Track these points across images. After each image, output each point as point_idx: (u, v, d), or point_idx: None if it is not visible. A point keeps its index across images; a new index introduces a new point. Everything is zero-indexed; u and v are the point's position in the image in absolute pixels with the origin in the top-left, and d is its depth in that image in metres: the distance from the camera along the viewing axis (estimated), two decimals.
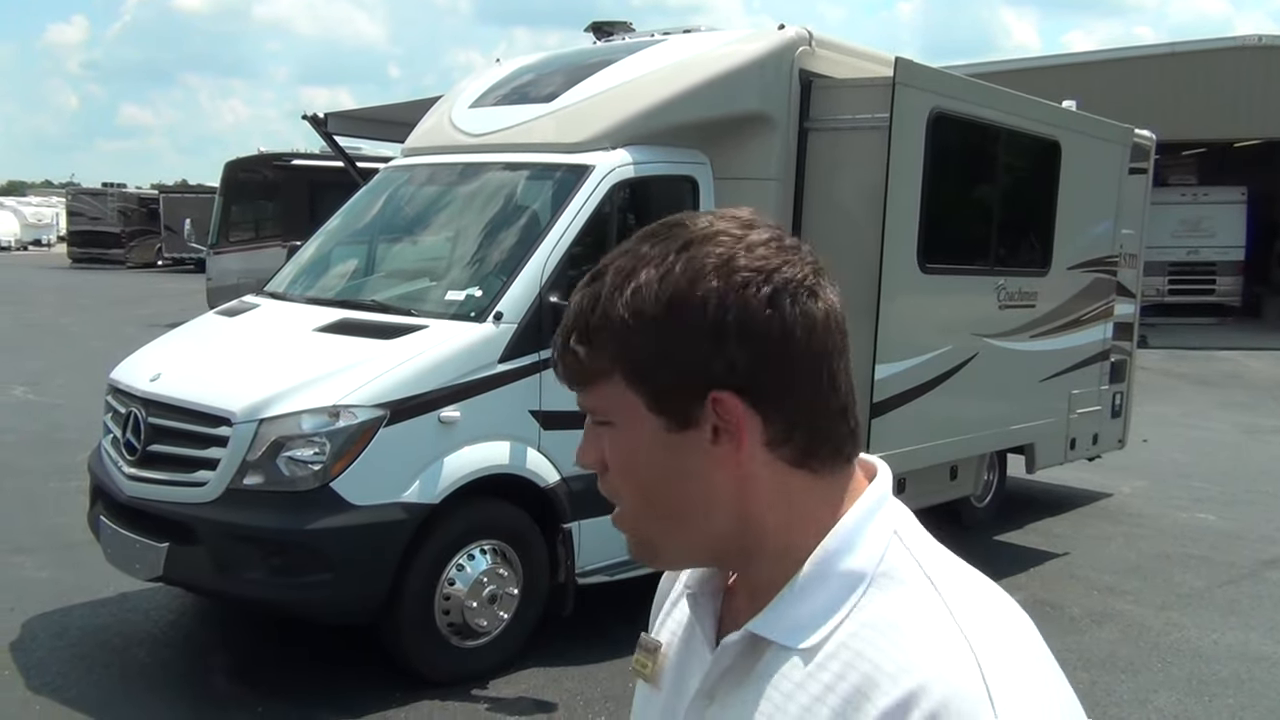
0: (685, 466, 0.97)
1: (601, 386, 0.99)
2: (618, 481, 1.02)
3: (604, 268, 0.99)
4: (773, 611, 0.97)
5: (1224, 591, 6.59)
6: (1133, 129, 8.26)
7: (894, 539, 1.00)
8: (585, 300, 0.99)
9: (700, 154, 5.80)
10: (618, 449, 1.00)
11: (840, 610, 0.95)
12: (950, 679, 0.86)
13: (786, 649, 0.96)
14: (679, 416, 0.96)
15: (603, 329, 0.97)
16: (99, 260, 37.35)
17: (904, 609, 0.93)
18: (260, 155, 18.82)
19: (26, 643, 5.16)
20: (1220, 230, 22.72)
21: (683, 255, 0.96)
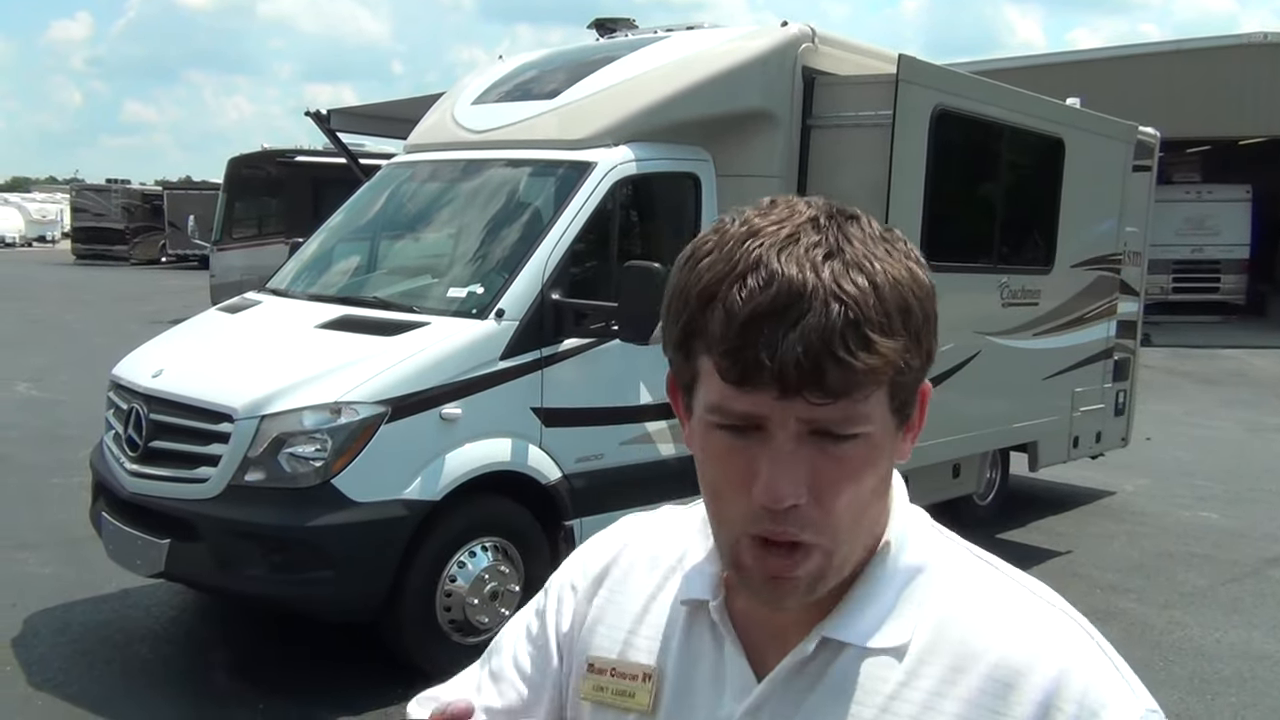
0: (890, 468, 0.94)
1: (865, 396, 0.86)
2: (836, 510, 0.88)
3: (834, 250, 0.87)
4: (847, 613, 0.94)
5: (1227, 590, 6.58)
6: (1137, 126, 8.25)
7: (932, 528, 1.02)
8: (864, 281, 0.85)
9: (703, 151, 5.78)
10: (856, 471, 0.88)
11: (913, 604, 0.95)
12: (1083, 664, 0.91)
13: (867, 650, 0.93)
14: (907, 414, 0.92)
15: (907, 315, 0.88)
16: (103, 257, 37.40)
17: (991, 596, 0.96)
18: (264, 152, 18.82)
19: (28, 638, 5.16)
20: (1225, 228, 22.67)
21: (893, 242, 0.92)
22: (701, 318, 0.87)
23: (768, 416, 0.86)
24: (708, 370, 0.88)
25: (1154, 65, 20.74)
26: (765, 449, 0.87)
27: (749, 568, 0.90)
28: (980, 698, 0.90)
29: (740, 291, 0.85)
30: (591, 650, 1.07)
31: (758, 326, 0.84)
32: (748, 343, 0.84)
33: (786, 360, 0.83)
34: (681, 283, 0.91)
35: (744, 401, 0.86)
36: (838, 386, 0.84)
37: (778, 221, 0.89)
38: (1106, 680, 0.91)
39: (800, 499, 0.86)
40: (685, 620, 1.03)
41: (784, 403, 0.84)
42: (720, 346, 0.86)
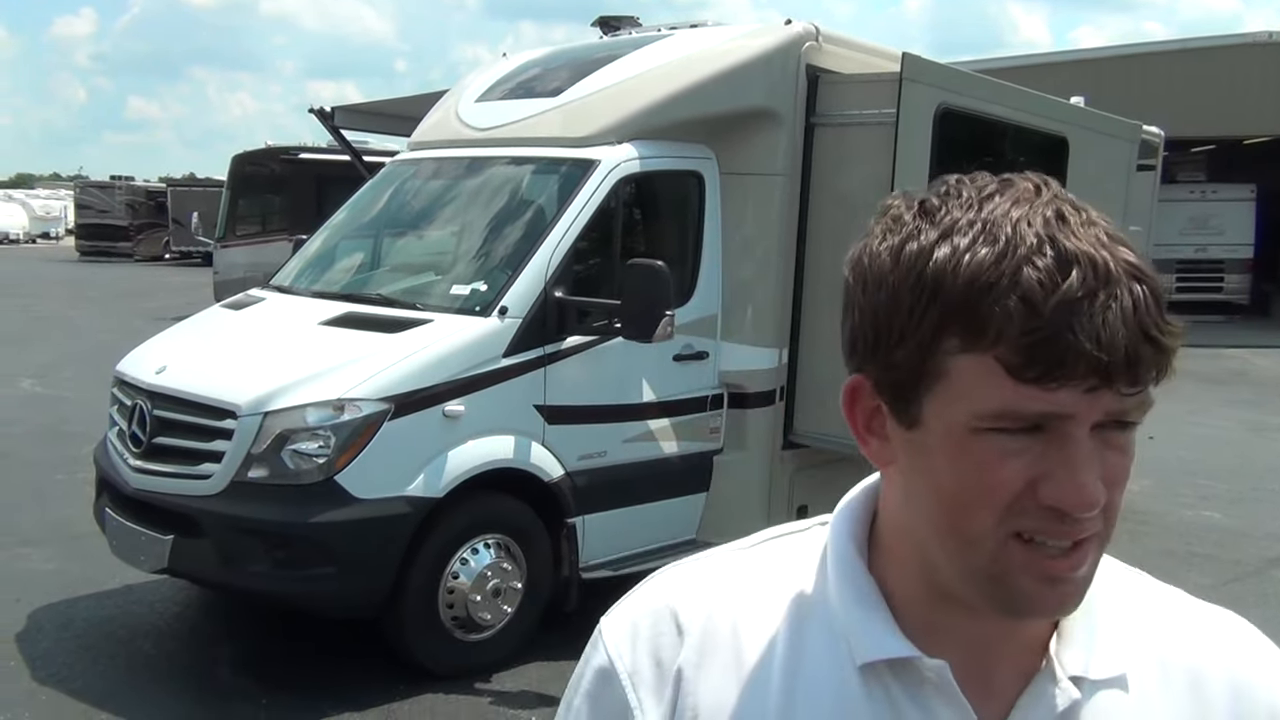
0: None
1: (1161, 381, 0.79)
2: (1115, 502, 0.82)
3: (1092, 221, 0.78)
4: (1078, 645, 0.87)
5: (1229, 590, 6.57)
6: (1141, 125, 8.23)
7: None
8: (1135, 258, 0.77)
9: (706, 149, 5.79)
10: (1130, 454, 0.81)
11: (1115, 627, 0.89)
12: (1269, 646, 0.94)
13: (1098, 683, 0.86)
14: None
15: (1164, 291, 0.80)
16: (106, 253, 37.42)
17: (1173, 606, 0.96)
18: (267, 149, 18.83)
19: (32, 634, 5.18)
20: (1229, 228, 22.63)
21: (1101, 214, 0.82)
22: (977, 308, 0.75)
23: (1074, 415, 0.75)
24: (980, 370, 0.75)
25: (1158, 64, 20.71)
26: (1058, 448, 0.76)
27: (1018, 573, 0.78)
28: (1231, 710, 0.89)
29: (1035, 272, 0.74)
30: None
31: (1071, 312, 0.73)
32: (1062, 332, 0.73)
33: (1115, 346, 0.73)
34: (908, 269, 0.79)
35: (1044, 400, 0.74)
36: (1150, 372, 0.76)
37: (1005, 192, 0.80)
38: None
39: (1102, 499, 0.78)
40: (861, 686, 0.85)
41: (1093, 396, 0.75)
42: (1018, 339, 0.73)
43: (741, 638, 0.89)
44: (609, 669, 0.91)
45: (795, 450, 5.97)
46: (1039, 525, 0.77)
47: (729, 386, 5.77)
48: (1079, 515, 0.77)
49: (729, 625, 0.89)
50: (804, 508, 5.76)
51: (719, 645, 0.89)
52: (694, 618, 0.90)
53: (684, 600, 0.91)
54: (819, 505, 0.88)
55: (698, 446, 5.68)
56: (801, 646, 0.88)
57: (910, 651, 0.84)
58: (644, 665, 0.89)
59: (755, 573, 0.93)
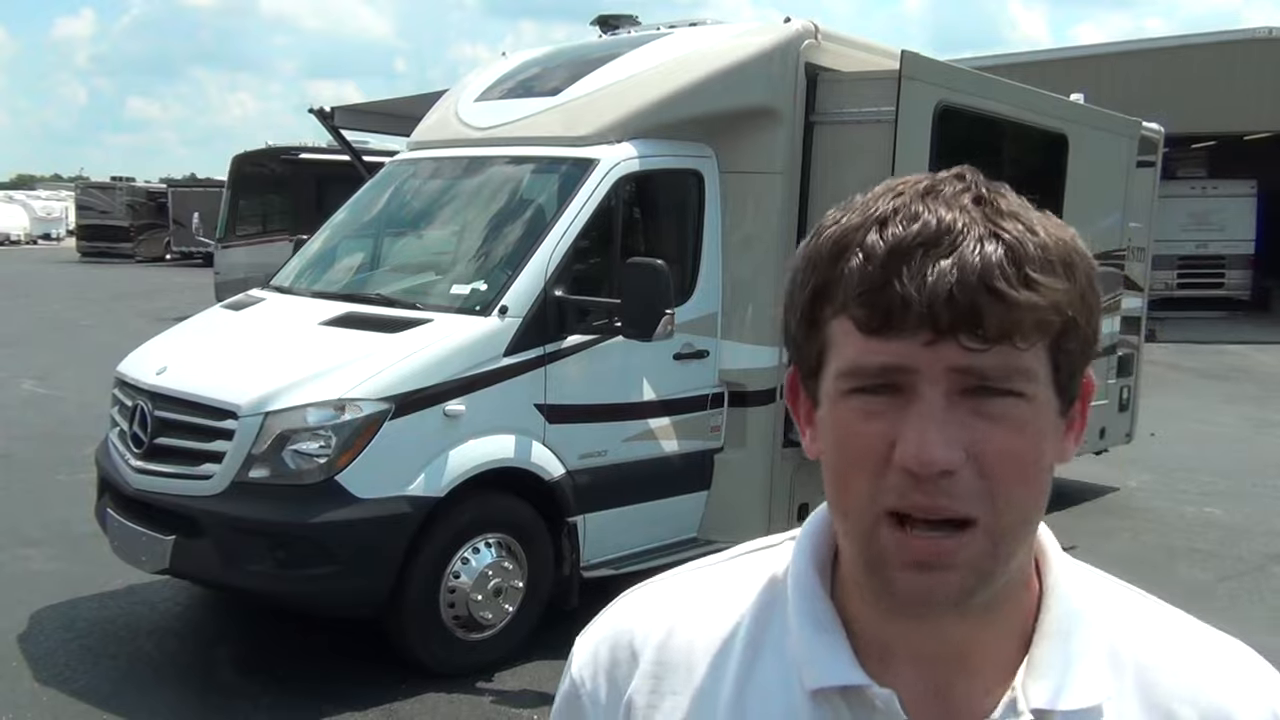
0: (1056, 462, 0.81)
1: (1029, 344, 0.75)
2: (1002, 480, 0.76)
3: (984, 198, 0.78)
4: (1047, 675, 0.82)
5: (1230, 586, 6.58)
6: (1140, 122, 8.24)
7: (1076, 563, 0.92)
8: (1019, 227, 0.76)
9: (706, 147, 5.79)
10: (1026, 433, 0.76)
11: (1095, 655, 0.84)
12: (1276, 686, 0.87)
13: (1071, 714, 0.81)
14: (1069, 396, 0.80)
15: (1071, 269, 0.77)
16: (107, 254, 37.43)
17: (1170, 633, 0.89)
18: (268, 149, 18.83)
19: (35, 634, 5.19)
20: (1230, 224, 22.62)
21: (1048, 216, 0.81)
22: (833, 271, 0.77)
23: (915, 369, 0.74)
24: (841, 332, 0.77)
25: (1158, 60, 20.71)
26: (911, 410, 0.75)
27: (888, 558, 0.77)
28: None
29: (881, 233, 0.76)
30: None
31: (900, 262, 0.74)
32: (890, 280, 0.74)
33: (938, 293, 0.72)
34: (805, 253, 0.81)
35: (885, 352, 0.75)
36: (996, 327, 0.73)
37: (914, 179, 0.80)
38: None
39: (955, 463, 0.74)
40: (811, 713, 0.83)
41: (933, 350, 0.74)
42: (858, 290, 0.75)
43: (696, 662, 0.88)
44: (574, 692, 0.93)
45: (796, 448, 5.96)
46: (901, 494, 0.75)
47: (729, 385, 5.77)
48: (924, 473, 0.73)
49: (684, 649, 0.89)
50: (805, 506, 5.76)
51: (673, 670, 0.88)
52: (649, 642, 0.90)
53: (642, 624, 0.91)
54: (820, 503, 0.89)
55: (698, 445, 5.68)
56: (754, 671, 0.86)
57: (860, 680, 0.81)
58: (602, 691, 0.90)
59: (718, 593, 0.92)
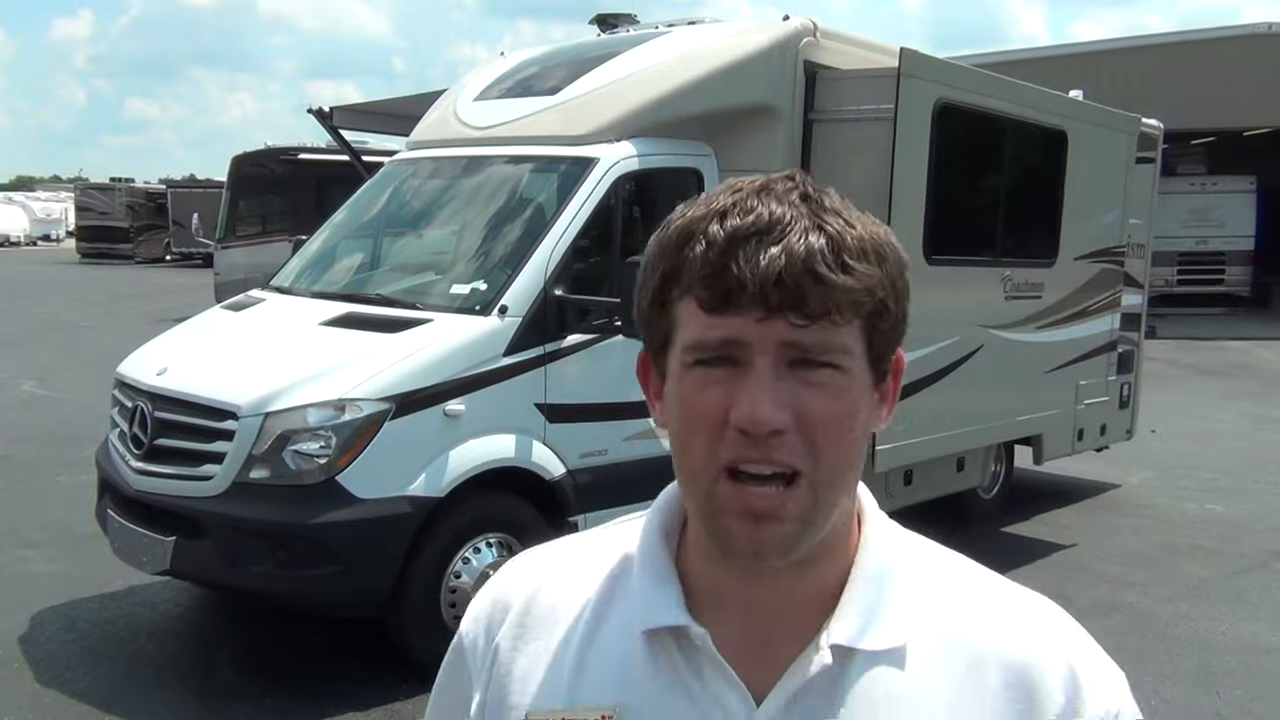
0: (869, 428, 0.91)
1: (844, 321, 0.86)
2: (822, 440, 0.86)
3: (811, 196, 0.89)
4: (845, 616, 0.91)
5: (1232, 582, 6.57)
6: (1140, 118, 8.23)
7: (899, 528, 1.01)
8: (840, 222, 0.87)
9: (705, 146, 5.78)
10: (842, 399, 0.87)
11: (903, 603, 0.93)
12: (1084, 652, 0.95)
13: (875, 655, 0.90)
14: (882, 371, 0.92)
15: (881, 257, 0.88)
16: (107, 255, 37.46)
17: (978, 590, 0.97)
18: (267, 149, 18.84)
19: (35, 636, 5.18)
20: (1229, 220, 22.63)
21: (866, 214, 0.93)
22: (679, 257, 0.88)
23: (749, 343, 0.85)
24: (686, 311, 0.88)
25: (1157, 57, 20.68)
26: (745, 378, 0.85)
27: (725, 509, 0.87)
28: (1002, 701, 0.91)
29: (721, 223, 0.87)
30: (530, 708, 0.96)
31: (737, 248, 0.85)
32: (727, 265, 0.85)
33: (768, 275, 0.83)
34: (655, 243, 0.92)
35: (723, 327, 0.85)
36: (817, 306, 0.84)
37: (751, 180, 0.91)
38: (1102, 663, 0.96)
39: (784, 424, 0.84)
40: (645, 652, 0.93)
41: (764, 326, 0.84)
42: (700, 273, 0.86)
43: (556, 615, 0.99)
44: (459, 643, 1.04)
45: None
46: (736, 451, 0.85)
47: None
48: (755, 432, 0.84)
49: (547, 604, 1.00)
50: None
51: (536, 622, 0.99)
52: (520, 597, 1.01)
53: (517, 582, 1.03)
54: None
55: None
56: (603, 621, 0.97)
57: (684, 620, 0.92)
58: (480, 640, 1.02)
59: (587, 555, 1.03)
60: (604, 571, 1.00)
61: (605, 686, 0.94)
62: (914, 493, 6.65)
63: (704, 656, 0.91)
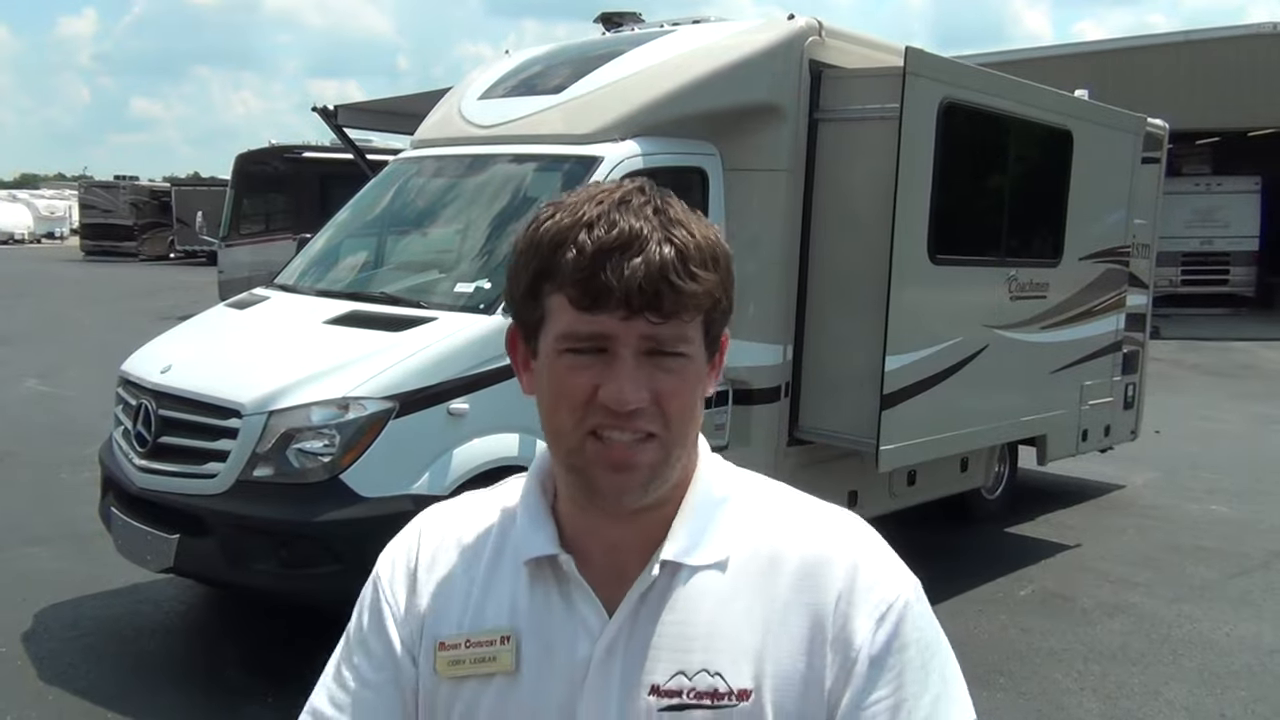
0: (704, 394, 1.11)
1: (690, 319, 1.05)
2: (672, 412, 1.06)
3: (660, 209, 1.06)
4: (676, 539, 1.11)
5: (1236, 583, 6.56)
6: (1145, 118, 8.21)
7: (733, 467, 1.20)
8: (684, 233, 1.05)
9: (710, 145, 5.77)
10: (686, 379, 1.07)
11: (728, 524, 1.13)
12: (871, 551, 1.13)
13: (696, 569, 1.11)
14: (713, 351, 1.11)
15: (717, 262, 1.07)
16: (111, 253, 37.53)
17: (790, 507, 1.17)
18: (271, 148, 18.85)
19: (39, 633, 5.19)
20: (1234, 220, 22.60)
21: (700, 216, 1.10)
22: (552, 260, 1.05)
23: (615, 336, 1.03)
24: (558, 305, 1.05)
25: (1162, 56, 20.66)
26: (611, 365, 1.03)
27: (592, 462, 1.06)
28: (791, 591, 1.10)
29: (589, 234, 1.03)
30: (439, 634, 1.15)
31: (605, 259, 1.02)
32: (597, 272, 1.01)
33: (631, 284, 1.01)
34: (528, 241, 1.08)
35: (593, 323, 1.03)
36: (671, 307, 1.02)
37: (609, 190, 1.08)
38: (891, 563, 1.13)
39: (642, 402, 1.03)
40: (528, 580, 1.14)
41: (628, 323, 1.02)
42: (573, 277, 1.03)
43: (460, 554, 1.19)
44: (375, 579, 1.24)
45: (800, 446, 5.96)
46: (602, 421, 1.05)
47: (734, 383, 5.75)
48: (620, 410, 1.03)
49: (454, 539, 1.20)
50: None
51: (445, 552, 1.19)
52: (431, 535, 1.23)
53: (428, 524, 1.25)
54: (823, 499, 1.19)
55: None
56: (499, 556, 1.17)
57: (551, 550, 1.12)
58: (398, 573, 1.21)
59: (486, 504, 1.23)
60: (496, 519, 1.20)
61: (501, 612, 1.14)
62: (918, 492, 6.64)
63: (573, 582, 1.11)
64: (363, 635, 1.22)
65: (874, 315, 5.58)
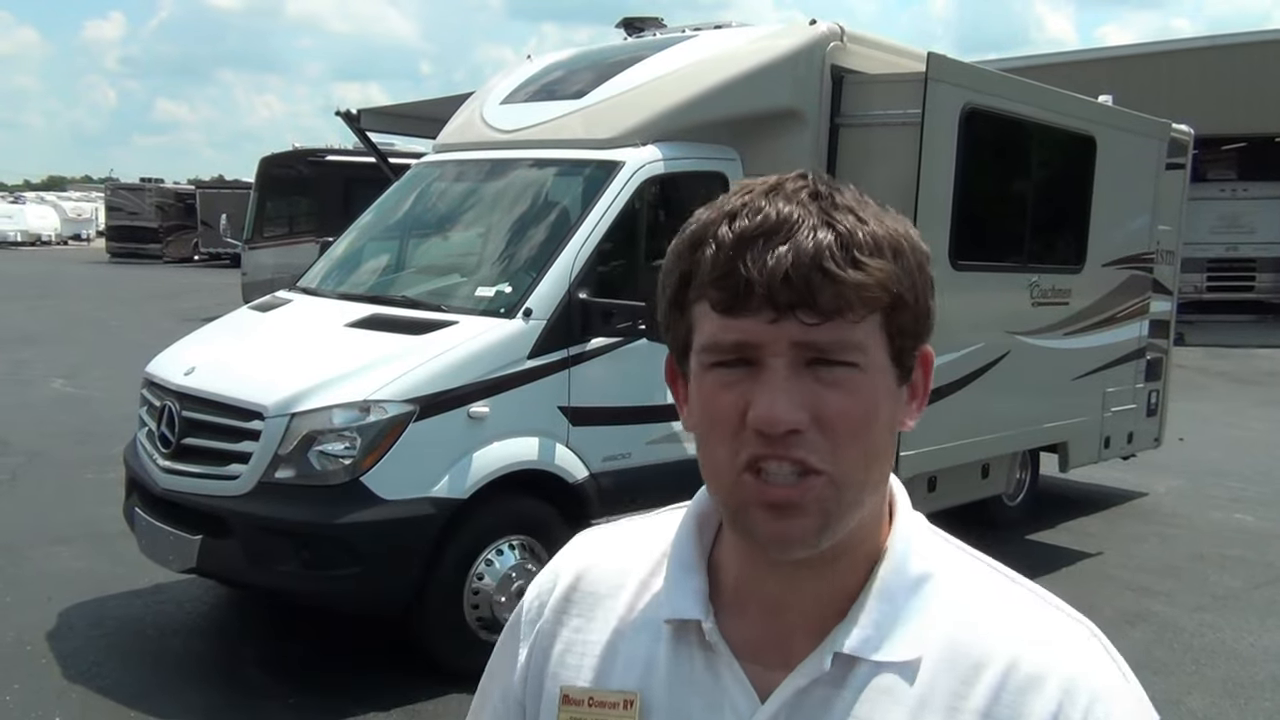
0: (895, 425, 0.91)
1: (861, 318, 0.85)
2: (842, 436, 0.86)
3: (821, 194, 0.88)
4: (858, 625, 0.91)
5: (1261, 593, 6.50)
6: (1170, 123, 8.16)
7: (934, 533, 0.99)
8: (852, 219, 0.87)
9: (731, 150, 5.78)
10: (860, 397, 0.86)
11: (923, 615, 0.92)
12: (1094, 671, 0.90)
13: (880, 665, 0.90)
14: (906, 367, 0.91)
15: (898, 253, 0.87)
16: (137, 255, 37.84)
17: (1000, 601, 0.94)
18: (295, 151, 18.97)
19: (63, 632, 5.24)
20: (1260, 226, 22.37)
21: (886, 208, 0.93)
22: (692, 260, 0.88)
23: (762, 344, 0.85)
24: (702, 314, 0.88)
25: (1187, 61, 20.50)
26: (760, 378, 0.85)
27: (749, 502, 0.87)
28: (994, 706, 0.88)
29: (730, 225, 0.86)
30: (564, 681, 1.00)
31: (745, 249, 0.85)
32: (736, 266, 0.85)
33: (775, 274, 0.83)
34: (672, 247, 0.92)
35: (736, 330, 0.85)
36: (830, 303, 0.83)
37: (772, 180, 0.91)
38: (1116, 688, 0.91)
39: (800, 423, 0.84)
40: (671, 641, 0.96)
41: (776, 326, 0.84)
42: (711, 276, 0.86)
43: (601, 593, 1.03)
44: (518, 612, 1.09)
45: None
46: (759, 451, 0.85)
47: None
48: (771, 432, 0.84)
49: (595, 582, 1.04)
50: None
51: (582, 598, 1.03)
52: (571, 571, 1.06)
53: (572, 558, 1.08)
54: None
55: None
56: (639, 603, 1.00)
57: (698, 614, 0.94)
58: (534, 611, 1.06)
59: (638, 539, 1.06)
60: (650, 556, 1.02)
61: (632, 671, 0.97)
62: (938, 499, 6.61)
63: (720, 654, 0.94)
64: (496, 664, 1.10)
65: None
